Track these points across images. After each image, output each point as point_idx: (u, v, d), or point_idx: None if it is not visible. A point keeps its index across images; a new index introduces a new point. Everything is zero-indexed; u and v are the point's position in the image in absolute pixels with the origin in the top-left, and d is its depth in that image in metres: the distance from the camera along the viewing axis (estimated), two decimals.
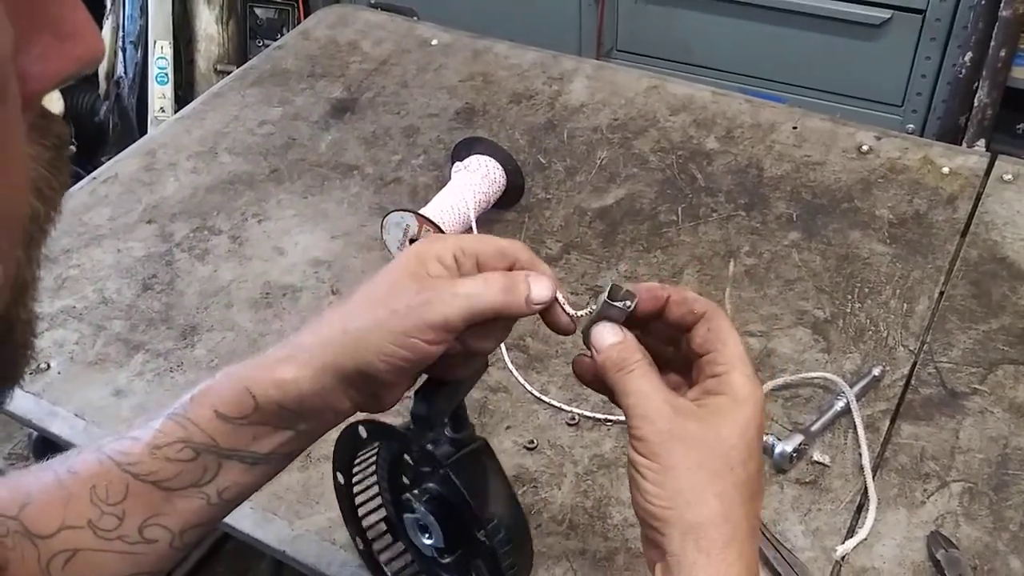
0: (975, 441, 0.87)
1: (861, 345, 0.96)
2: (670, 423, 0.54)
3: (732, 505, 0.53)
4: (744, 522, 0.54)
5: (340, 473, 0.74)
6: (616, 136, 1.24)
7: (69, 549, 0.58)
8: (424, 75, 1.37)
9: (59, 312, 1.04)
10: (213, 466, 0.59)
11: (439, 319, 0.55)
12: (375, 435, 0.69)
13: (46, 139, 0.32)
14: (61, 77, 0.31)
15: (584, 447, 0.88)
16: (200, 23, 2.22)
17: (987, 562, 0.78)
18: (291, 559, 0.83)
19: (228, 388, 0.59)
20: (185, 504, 0.60)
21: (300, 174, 1.22)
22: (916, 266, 1.04)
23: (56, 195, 0.33)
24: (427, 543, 0.69)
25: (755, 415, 0.55)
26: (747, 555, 0.53)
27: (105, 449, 0.60)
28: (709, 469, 0.53)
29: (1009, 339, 0.96)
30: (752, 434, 0.55)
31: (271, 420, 0.59)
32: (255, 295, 1.06)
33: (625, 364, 0.57)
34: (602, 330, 0.58)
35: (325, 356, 0.58)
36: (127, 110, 2.24)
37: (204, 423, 0.59)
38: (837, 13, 1.99)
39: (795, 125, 1.23)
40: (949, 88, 1.97)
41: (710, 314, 0.58)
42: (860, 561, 0.79)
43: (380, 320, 0.56)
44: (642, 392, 0.56)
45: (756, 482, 0.55)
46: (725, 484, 0.53)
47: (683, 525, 0.53)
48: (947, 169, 1.15)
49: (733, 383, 0.56)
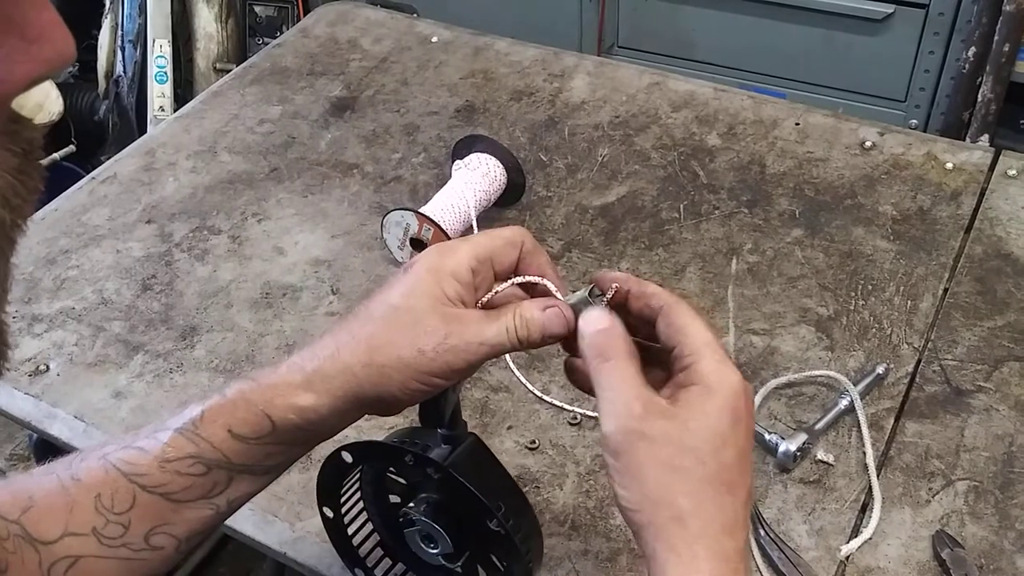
0: (980, 439, 0.86)
1: (865, 343, 0.95)
2: (637, 422, 0.53)
3: (702, 501, 0.52)
4: (718, 516, 0.52)
5: (327, 507, 0.72)
6: (617, 133, 1.23)
7: (72, 556, 0.58)
8: (424, 72, 1.36)
9: (58, 313, 1.04)
10: (224, 480, 0.59)
11: (463, 365, 0.57)
12: (361, 457, 0.67)
13: (15, 144, 0.31)
14: (29, 80, 0.30)
15: (586, 447, 0.88)
16: (199, 21, 2.21)
17: (993, 561, 0.77)
18: (292, 561, 0.82)
19: (243, 410, 0.59)
20: (194, 514, 0.60)
21: (300, 173, 1.21)
22: (920, 263, 1.03)
23: (24, 203, 0.32)
24: (433, 552, 0.68)
25: (728, 402, 0.53)
26: (720, 549, 0.52)
27: (110, 457, 0.60)
28: (676, 467, 0.52)
29: (1014, 336, 0.95)
30: (726, 423, 0.53)
31: (287, 440, 0.59)
32: (255, 295, 1.05)
33: (604, 353, 0.55)
34: (589, 315, 0.57)
35: (347, 386, 0.57)
36: (126, 109, 2.24)
37: (217, 442, 0.59)
38: (839, 8, 1.98)
39: (798, 121, 1.23)
40: (952, 83, 1.96)
41: (666, 308, 0.57)
42: (865, 561, 0.78)
43: (406, 361, 0.56)
44: (614, 386, 0.54)
45: (734, 470, 0.53)
46: (693, 481, 0.52)
47: (652, 526, 0.53)
48: (951, 165, 1.14)
49: (700, 372, 0.54)
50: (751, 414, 0.55)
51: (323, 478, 0.70)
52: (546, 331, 0.58)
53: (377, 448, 0.67)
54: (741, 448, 0.54)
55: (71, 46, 0.31)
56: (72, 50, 0.31)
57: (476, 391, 0.93)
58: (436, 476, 0.64)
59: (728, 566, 0.52)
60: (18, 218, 0.32)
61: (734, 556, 0.52)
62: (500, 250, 0.60)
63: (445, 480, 0.64)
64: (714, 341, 0.55)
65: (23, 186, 0.32)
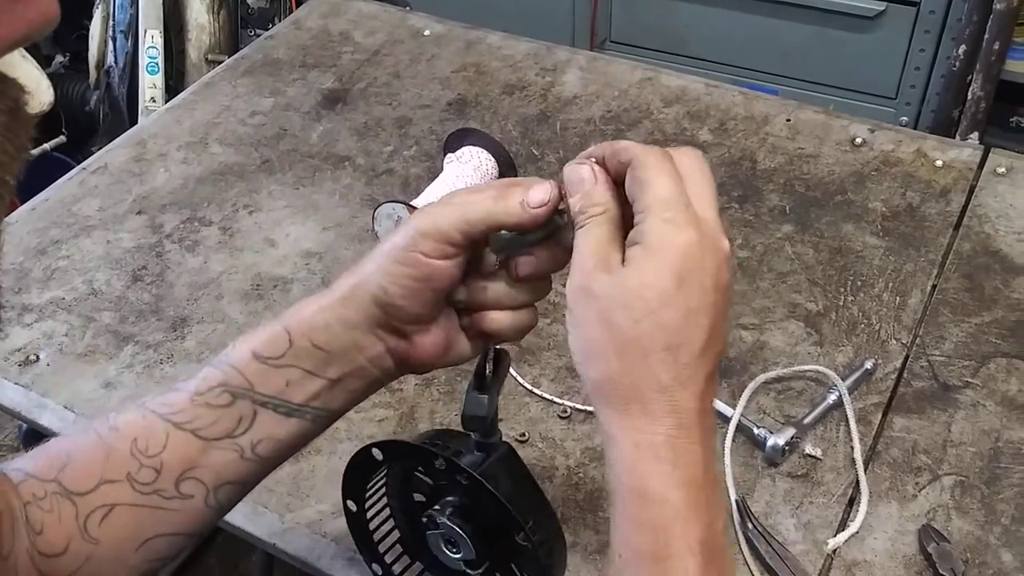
0: (967, 434, 0.87)
1: (854, 338, 0.96)
2: (585, 277, 0.53)
3: (634, 358, 0.51)
4: (651, 375, 0.50)
5: (352, 501, 0.72)
6: (609, 128, 1.23)
7: (107, 504, 0.58)
8: (416, 66, 1.36)
9: (48, 303, 1.04)
10: (248, 414, 0.60)
11: (433, 229, 0.57)
12: (391, 456, 0.67)
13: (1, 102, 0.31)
14: (12, 40, 0.30)
15: (576, 440, 0.88)
16: (191, 12, 2.20)
17: (978, 555, 0.78)
18: (282, 552, 0.82)
19: (267, 330, 0.61)
20: (220, 456, 0.60)
21: (291, 165, 1.21)
22: (909, 259, 1.04)
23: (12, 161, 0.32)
24: (455, 557, 0.67)
25: (671, 262, 0.51)
26: (656, 408, 0.50)
27: (149, 404, 0.61)
28: (612, 322, 0.51)
29: (1001, 332, 0.95)
30: (666, 282, 0.50)
31: (303, 362, 0.60)
32: (246, 287, 1.05)
33: (582, 217, 0.55)
34: (572, 173, 0.56)
35: (343, 290, 0.60)
36: (117, 100, 2.23)
37: (242, 365, 0.60)
38: (831, 5, 1.99)
39: (789, 117, 1.23)
40: (943, 81, 1.97)
41: (634, 162, 0.54)
42: (852, 554, 0.79)
43: (384, 250, 0.59)
44: (579, 247, 0.54)
45: (677, 331, 0.51)
46: (624, 340, 0.51)
47: (591, 381, 0.53)
48: (940, 162, 1.15)
49: (645, 231, 0.52)
50: (709, 272, 0.52)
51: (350, 473, 0.70)
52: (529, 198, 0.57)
53: (407, 449, 0.66)
54: (689, 308, 0.51)
55: (54, 7, 0.31)
56: (56, 11, 0.31)
57: (466, 383, 0.93)
58: (466, 482, 0.63)
59: (668, 422, 0.50)
60: (6, 175, 0.32)
61: (680, 412, 0.51)
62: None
63: (474, 487, 0.63)
64: (672, 198, 0.52)
65: (11, 144, 0.32)
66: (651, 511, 0.50)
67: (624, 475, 0.51)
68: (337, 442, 0.88)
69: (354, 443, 0.88)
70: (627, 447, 0.51)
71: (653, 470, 0.50)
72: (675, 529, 0.50)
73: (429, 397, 0.92)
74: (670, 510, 0.50)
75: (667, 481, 0.50)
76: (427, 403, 0.92)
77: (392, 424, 0.90)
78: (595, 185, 0.55)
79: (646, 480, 0.50)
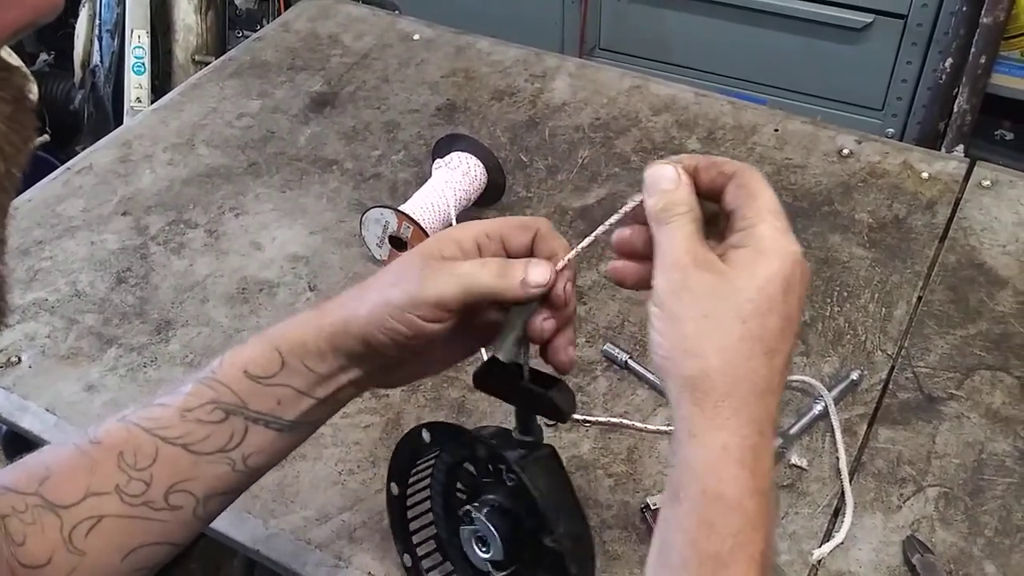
0: (951, 446, 0.87)
1: (839, 349, 0.96)
2: (683, 272, 0.52)
3: (736, 359, 0.51)
4: (749, 378, 0.51)
5: (396, 483, 0.72)
6: (598, 135, 1.23)
7: (94, 516, 0.58)
8: (405, 70, 1.36)
9: (31, 304, 1.03)
10: (240, 429, 0.61)
11: (433, 297, 0.58)
12: (439, 439, 0.67)
13: (6, 92, 0.31)
14: (17, 27, 0.30)
15: (562, 448, 0.88)
16: (178, 12, 2.19)
17: (962, 567, 0.78)
18: (265, 558, 0.82)
19: (258, 348, 0.62)
20: (211, 469, 0.61)
21: (278, 168, 1.20)
22: (895, 271, 1.04)
23: (18, 152, 0.32)
24: (484, 556, 0.67)
25: (781, 269, 0.52)
26: (747, 413, 0.51)
27: (131, 418, 0.61)
28: (714, 320, 0.51)
29: (986, 344, 0.96)
30: (776, 288, 0.51)
31: (295, 381, 0.61)
32: (231, 290, 1.04)
33: (665, 215, 0.54)
34: (657, 172, 0.56)
35: (333, 324, 0.61)
36: (103, 100, 2.21)
37: (234, 383, 0.61)
38: (819, 16, 2.00)
39: (776, 128, 1.23)
40: (929, 93, 1.98)
41: (740, 172, 0.55)
42: (836, 565, 0.79)
43: (387, 297, 0.59)
44: (668, 244, 0.54)
45: (776, 338, 0.51)
46: (731, 337, 0.51)
47: (679, 377, 0.52)
48: (926, 174, 1.15)
49: (757, 235, 0.53)
50: (805, 287, 0.53)
51: (399, 454, 0.70)
52: (528, 278, 0.59)
53: (455, 432, 0.67)
54: (788, 317, 0.52)
55: None
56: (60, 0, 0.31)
57: (452, 390, 0.93)
58: (506, 478, 0.64)
59: (753, 428, 0.51)
60: (13, 167, 0.32)
61: (764, 421, 0.51)
62: (512, 230, 0.62)
63: (513, 487, 0.64)
64: (780, 211, 0.54)
65: (16, 134, 0.32)
66: (724, 516, 0.50)
67: (704, 475, 0.51)
68: (322, 447, 0.88)
69: (339, 449, 0.88)
70: (714, 448, 0.51)
71: (735, 475, 0.50)
72: (743, 537, 0.50)
73: (415, 403, 0.92)
74: (742, 518, 0.50)
75: (745, 488, 0.50)
76: (413, 409, 0.91)
77: (378, 431, 0.90)
78: (681, 186, 0.55)
79: (725, 484, 0.50)
